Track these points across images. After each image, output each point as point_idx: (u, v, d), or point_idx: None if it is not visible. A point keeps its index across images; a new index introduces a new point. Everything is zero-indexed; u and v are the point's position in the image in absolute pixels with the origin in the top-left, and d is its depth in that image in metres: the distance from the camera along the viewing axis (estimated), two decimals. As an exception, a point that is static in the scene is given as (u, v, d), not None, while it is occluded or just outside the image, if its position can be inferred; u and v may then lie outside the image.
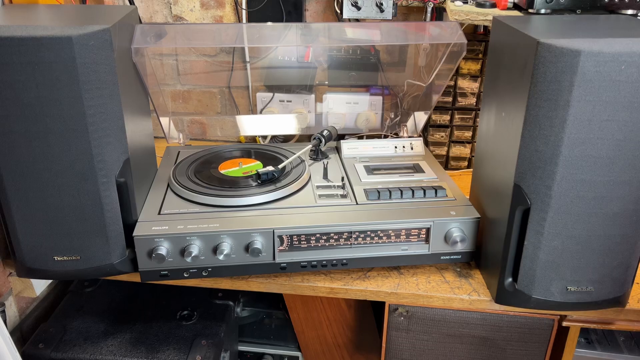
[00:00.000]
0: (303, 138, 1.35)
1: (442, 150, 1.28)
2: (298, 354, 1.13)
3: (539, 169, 0.70)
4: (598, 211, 0.71)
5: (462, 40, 0.96)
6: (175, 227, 0.83)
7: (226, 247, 0.83)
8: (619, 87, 0.64)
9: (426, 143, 1.28)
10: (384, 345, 0.93)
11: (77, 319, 0.95)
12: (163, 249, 0.82)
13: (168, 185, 0.96)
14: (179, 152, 1.12)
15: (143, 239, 0.82)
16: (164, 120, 1.14)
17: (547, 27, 0.75)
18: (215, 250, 0.83)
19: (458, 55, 1.03)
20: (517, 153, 0.72)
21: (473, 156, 1.29)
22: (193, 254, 0.82)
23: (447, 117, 1.25)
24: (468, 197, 0.97)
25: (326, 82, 1.32)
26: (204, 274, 0.86)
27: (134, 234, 0.82)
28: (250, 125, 1.32)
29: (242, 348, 1.13)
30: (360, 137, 1.30)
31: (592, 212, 0.71)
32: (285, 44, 1.08)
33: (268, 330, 1.15)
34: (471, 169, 1.29)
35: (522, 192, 0.73)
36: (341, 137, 1.32)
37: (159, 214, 0.87)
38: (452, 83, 1.21)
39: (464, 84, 1.21)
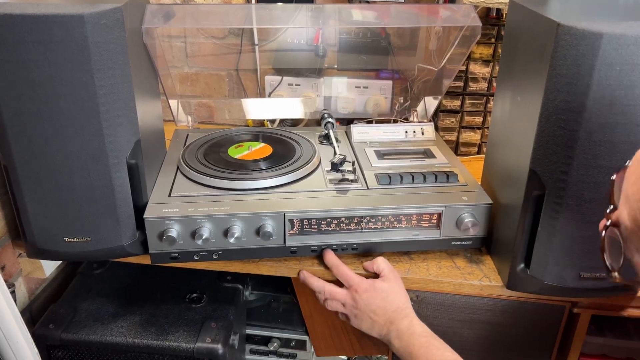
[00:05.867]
0: (311, 122, 1.34)
1: (452, 136, 1.27)
2: (305, 337, 1.13)
3: (556, 154, 0.69)
4: (615, 197, 0.70)
5: (477, 23, 0.95)
6: (185, 209, 0.83)
7: (237, 230, 0.82)
8: (640, 71, 0.63)
9: (436, 128, 1.27)
10: (393, 329, 0.93)
11: (87, 301, 0.95)
12: (174, 231, 0.81)
13: (178, 168, 0.96)
14: (188, 135, 1.11)
15: (154, 221, 0.81)
16: (173, 103, 1.13)
17: (567, 9, 0.74)
18: (226, 233, 0.82)
19: (471, 39, 1.01)
20: (533, 138, 0.71)
21: (483, 142, 1.28)
22: (204, 237, 0.81)
23: (457, 103, 1.24)
24: (480, 182, 0.96)
25: (335, 66, 1.30)
26: (214, 256, 0.85)
27: (144, 215, 0.81)
28: (258, 109, 1.31)
29: (250, 331, 1.13)
30: (370, 122, 1.29)
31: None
32: (294, 25, 1.07)
33: (276, 314, 1.16)
34: (481, 155, 1.28)
35: (537, 177, 0.72)
36: (350, 121, 1.31)
37: (169, 196, 0.87)
38: (463, 68, 1.20)
39: (476, 68, 1.19)
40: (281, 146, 1.03)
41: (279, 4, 1.07)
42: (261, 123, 1.37)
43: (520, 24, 0.79)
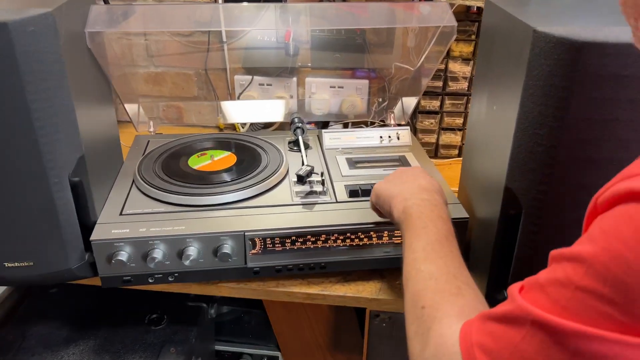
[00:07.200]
0: (284, 125, 1.27)
1: (432, 138, 1.21)
2: (278, 354, 1.08)
3: (533, 171, 0.63)
4: (597, 217, 0.64)
5: (452, 23, 0.88)
6: (137, 229, 0.76)
7: (193, 251, 0.76)
8: (623, 82, 0.56)
9: (414, 130, 1.21)
10: (365, 351, 0.88)
11: (38, 324, 0.89)
12: (124, 254, 0.75)
13: (133, 181, 0.89)
14: (149, 141, 1.04)
15: (101, 243, 0.75)
16: (131, 107, 1.06)
17: (546, 12, 0.67)
18: (181, 255, 0.76)
19: (449, 37, 0.95)
20: (509, 153, 0.65)
21: (464, 144, 1.22)
22: (157, 260, 0.75)
23: (437, 103, 1.17)
24: (457, 189, 0.91)
25: (309, 64, 1.23)
26: (170, 279, 0.79)
27: (91, 238, 0.75)
28: (229, 112, 1.24)
29: (220, 347, 1.08)
30: (346, 125, 1.23)
31: (590, 218, 0.65)
32: (261, 26, 1.00)
33: (247, 328, 1.10)
34: (461, 158, 1.22)
35: (513, 196, 0.67)
36: (325, 124, 1.25)
37: (121, 214, 0.81)
38: (442, 66, 1.13)
39: (455, 67, 1.13)
40: (246, 155, 0.96)
41: (245, 3, 1.00)
42: (232, 125, 1.30)
43: (496, 27, 0.72)
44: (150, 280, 0.79)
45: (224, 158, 0.95)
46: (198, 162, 0.93)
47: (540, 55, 0.58)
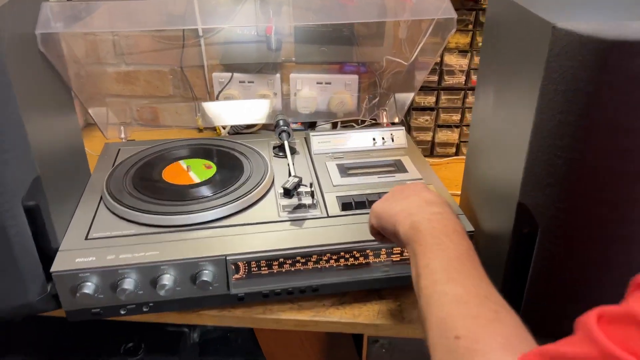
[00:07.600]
0: (268, 124, 1.18)
1: (427, 136, 1.13)
2: (268, 374, 1.00)
3: (551, 186, 0.56)
4: (623, 235, 0.57)
5: (450, 15, 0.80)
6: (104, 257, 0.68)
7: (168, 280, 0.68)
8: (658, 85, 0.49)
9: (408, 128, 1.13)
10: (363, 377, 0.80)
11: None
12: (90, 285, 0.67)
13: (101, 198, 0.80)
14: (119, 150, 0.95)
15: (64, 274, 0.66)
16: (98, 112, 0.97)
17: (564, 4, 0.59)
18: (155, 284, 0.68)
19: (446, 29, 0.86)
20: (523, 165, 0.58)
21: (462, 142, 1.14)
22: (127, 291, 0.67)
23: (432, 99, 1.09)
24: (457, 192, 0.83)
25: (293, 59, 1.14)
26: (144, 309, 0.71)
27: (51, 269, 0.66)
28: (208, 113, 1.14)
29: (205, 369, 1.00)
30: (335, 124, 1.14)
31: (616, 236, 0.57)
32: (240, 20, 0.90)
33: (234, 347, 1.02)
34: (459, 157, 1.15)
35: (528, 212, 0.59)
36: (313, 124, 1.16)
37: (87, 238, 0.72)
38: (437, 59, 1.05)
39: (452, 60, 1.05)
40: (227, 163, 0.88)
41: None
42: (212, 127, 1.21)
43: (503, 19, 0.64)
44: (122, 312, 0.71)
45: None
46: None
47: (561, 55, 0.50)
